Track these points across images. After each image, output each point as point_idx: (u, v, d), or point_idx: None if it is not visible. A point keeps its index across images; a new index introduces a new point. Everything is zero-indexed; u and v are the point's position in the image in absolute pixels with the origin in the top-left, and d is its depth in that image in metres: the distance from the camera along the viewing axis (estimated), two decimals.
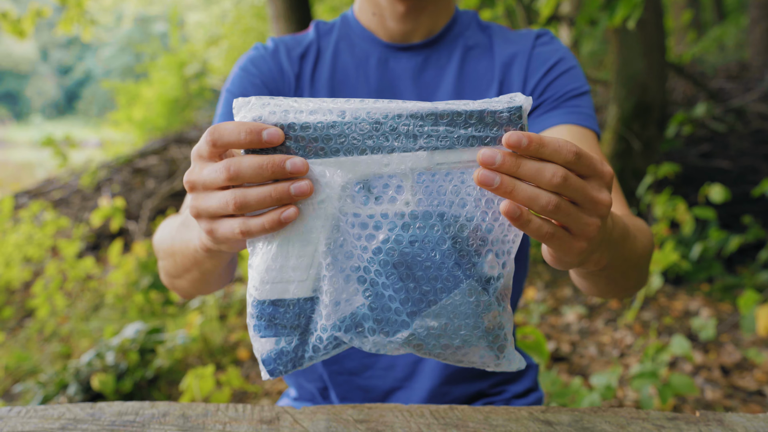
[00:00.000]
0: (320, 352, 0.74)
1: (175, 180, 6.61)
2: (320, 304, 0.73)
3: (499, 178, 0.67)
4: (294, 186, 0.68)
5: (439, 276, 0.70)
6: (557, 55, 1.25)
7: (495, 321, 0.73)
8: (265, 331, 0.74)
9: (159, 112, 11.12)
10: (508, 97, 0.69)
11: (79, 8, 6.47)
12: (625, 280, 1.01)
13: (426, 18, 1.24)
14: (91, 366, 2.83)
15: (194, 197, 0.74)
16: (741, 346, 3.12)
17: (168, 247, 1.04)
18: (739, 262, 4.29)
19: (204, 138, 0.70)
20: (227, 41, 12.93)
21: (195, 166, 0.73)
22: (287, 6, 4.99)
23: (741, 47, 8.99)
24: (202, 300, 3.82)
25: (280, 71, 1.25)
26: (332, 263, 0.71)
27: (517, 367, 0.77)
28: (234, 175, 0.68)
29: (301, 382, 1.35)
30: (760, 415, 0.89)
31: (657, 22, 4.29)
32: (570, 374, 2.95)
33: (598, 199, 0.70)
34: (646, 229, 1.07)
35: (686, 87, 6.02)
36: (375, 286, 0.71)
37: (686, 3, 10.30)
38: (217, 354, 3.37)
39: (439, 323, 0.71)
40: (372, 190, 0.70)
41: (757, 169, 4.78)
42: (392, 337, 0.72)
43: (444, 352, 0.74)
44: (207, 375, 2.36)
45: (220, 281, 1.10)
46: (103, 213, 4.30)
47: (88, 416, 0.90)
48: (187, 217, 0.95)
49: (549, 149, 0.67)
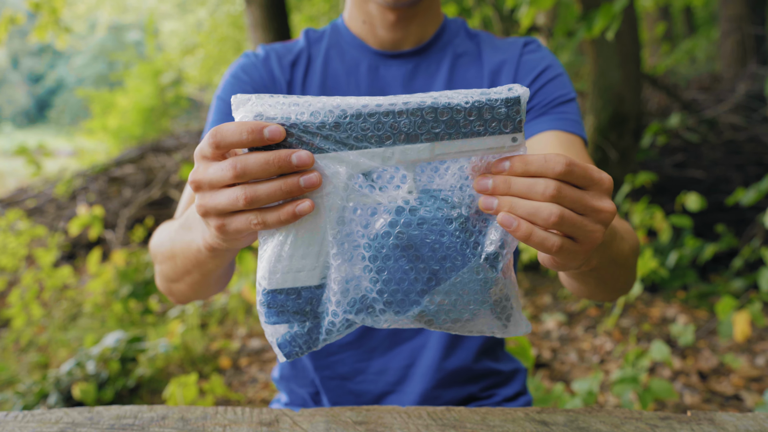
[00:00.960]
0: (333, 334, 0.76)
1: (153, 189, 6.56)
2: (329, 290, 0.74)
3: (497, 200, 0.70)
4: (303, 178, 0.69)
5: (447, 256, 0.72)
6: (545, 63, 1.27)
7: (501, 293, 0.75)
8: (276, 318, 0.75)
9: (134, 120, 11.03)
10: (506, 88, 0.70)
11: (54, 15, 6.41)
12: (614, 280, 1.03)
13: (416, 26, 1.26)
14: (71, 375, 2.81)
15: (201, 196, 0.74)
16: (717, 351, 3.17)
17: (167, 249, 1.04)
18: (712, 270, 4.35)
19: (206, 140, 0.71)
20: (203, 50, 12.88)
21: (199, 166, 0.74)
22: (265, 15, 4.99)
23: (712, 60, 9.14)
24: (181, 309, 3.79)
25: (272, 78, 1.26)
26: (339, 251, 0.73)
27: (524, 330, 0.79)
28: (241, 172, 0.69)
29: (292, 387, 1.35)
30: (749, 414, 0.91)
31: (632, 33, 4.35)
32: (552, 380, 2.98)
33: (599, 208, 0.71)
34: (631, 230, 1.09)
35: (660, 98, 6.10)
36: (383, 270, 0.73)
37: (658, 16, 10.45)
38: (199, 363, 3.36)
39: (450, 299, 0.74)
40: (376, 181, 0.72)
41: (729, 179, 4.85)
42: (404, 315, 0.74)
43: (454, 325, 0.77)
44: (190, 383, 2.35)
45: (219, 283, 1.10)
46: (82, 221, 4.26)
47: (87, 420, 0.90)
48: (187, 218, 0.95)
49: (534, 166, 0.69)
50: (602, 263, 0.90)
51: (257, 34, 4.99)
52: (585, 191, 0.71)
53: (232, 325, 4.00)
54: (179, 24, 14.69)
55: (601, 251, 0.86)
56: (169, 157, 7.11)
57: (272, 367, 3.38)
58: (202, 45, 12.91)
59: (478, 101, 0.69)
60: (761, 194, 3.32)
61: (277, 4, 5.00)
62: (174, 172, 6.68)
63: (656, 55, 9.64)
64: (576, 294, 1.08)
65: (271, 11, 4.97)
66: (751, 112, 5.38)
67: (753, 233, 4.12)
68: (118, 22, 23.77)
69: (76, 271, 5.47)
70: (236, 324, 4.01)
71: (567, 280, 1.03)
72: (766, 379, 2.87)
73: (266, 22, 4.98)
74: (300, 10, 10.27)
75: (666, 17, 10.71)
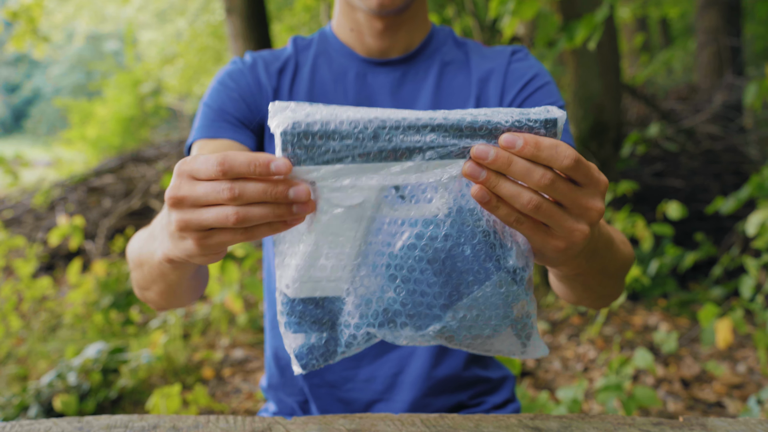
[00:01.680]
0: (353, 346, 0.76)
1: (133, 199, 6.52)
2: (352, 302, 0.74)
3: (485, 172, 0.69)
4: (293, 190, 0.69)
5: (471, 269, 0.72)
6: (533, 71, 1.28)
7: (523, 310, 0.76)
8: (296, 327, 0.75)
9: (113, 130, 10.94)
10: (544, 109, 0.71)
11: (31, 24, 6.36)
12: (601, 288, 1.03)
13: (403, 34, 1.26)
14: (52, 387, 2.77)
15: (182, 212, 0.72)
16: (699, 359, 3.19)
17: (136, 257, 1.04)
18: (691, 279, 4.39)
19: (212, 165, 0.69)
20: (183, 60, 12.82)
21: (182, 183, 0.72)
22: (246, 25, 4.99)
23: (688, 70, 9.24)
24: (163, 319, 3.76)
25: (258, 85, 1.26)
26: (365, 262, 0.73)
27: (541, 354, 0.79)
28: (237, 196, 0.68)
29: (281, 396, 1.35)
30: (740, 419, 0.91)
31: (612, 44, 4.39)
32: (536, 388, 2.98)
33: (589, 206, 0.72)
34: (627, 242, 1.09)
35: (639, 108, 6.16)
36: (407, 282, 0.73)
37: (636, 27, 10.56)
38: (182, 373, 3.33)
39: (471, 314, 0.74)
40: (407, 194, 0.71)
41: (707, 188, 4.90)
42: (424, 330, 0.74)
43: (474, 342, 0.76)
44: (173, 394, 2.33)
45: (189, 294, 1.10)
46: (62, 232, 4.22)
47: (76, 430, 0.88)
48: (153, 229, 0.94)
49: (545, 153, 0.68)
50: (592, 270, 0.90)
51: (238, 43, 4.99)
52: (580, 188, 0.71)
53: (215, 336, 3.97)
54: (158, 34, 14.61)
55: (591, 257, 0.86)
56: (149, 167, 7.06)
57: (256, 377, 3.36)
58: (181, 55, 12.86)
59: (518, 121, 0.69)
60: (740, 203, 3.36)
61: (258, 14, 5.00)
62: (154, 182, 6.64)
63: (635, 65, 9.74)
64: (563, 297, 1.09)
65: (252, 21, 4.97)
66: (728, 122, 5.45)
67: (731, 242, 4.16)
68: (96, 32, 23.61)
69: (56, 282, 5.41)
70: (219, 334, 3.98)
71: (555, 283, 1.03)
72: (748, 386, 2.89)
73: (247, 32, 4.98)
74: (281, 20, 10.28)
75: (643, 29, 10.83)
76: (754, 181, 3.23)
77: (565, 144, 0.69)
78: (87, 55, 28.10)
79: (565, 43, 3.23)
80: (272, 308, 1.34)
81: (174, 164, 6.62)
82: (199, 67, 12.74)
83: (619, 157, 4.64)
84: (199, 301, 4.44)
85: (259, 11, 5.01)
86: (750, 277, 2.57)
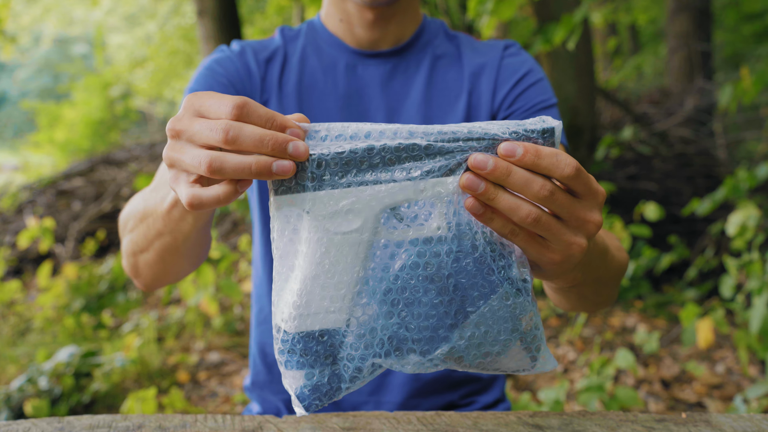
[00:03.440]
0: (358, 380, 0.72)
1: (103, 202, 6.42)
2: (354, 333, 0.70)
3: (484, 184, 0.66)
4: (292, 145, 0.65)
5: (475, 284, 0.69)
6: (526, 67, 1.26)
7: (532, 322, 0.73)
8: (297, 364, 0.71)
9: (83, 133, 10.82)
10: (539, 120, 0.69)
11: None
12: (596, 296, 1.02)
13: (394, 26, 1.24)
14: (22, 391, 2.70)
15: (173, 145, 0.70)
16: (678, 359, 3.20)
17: (140, 212, 0.99)
18: (664, 281, 4.42)
19: (226, 109, 0.66)
20: (153, 63, 12.72)
21: (185, 117, 0.69)
22: (217, 27, 4.96)
23: (659, 75, 9.35)
24: (136, 323, 3.70)
25: (248, 72, 1.23)
26: (365, 290, 0.69)
27: (551, 367, 0.77)
28: (231, 140, 0.65)
29: (266, 396, 1.31)
30: (744, 415, 0.90)
31: (586, 47, 4.41)
32: (517, 390, 2.98)
33: (587, 218, 0.70)
34: (621, 248, 1.07)
35: (613, 111, 6.20)
36: (411, 305, 0.69)
37: (607, 33, 10.68)
38: (156, 377, 3.27)
39: (479, 331, 0.71)
40: (404, 215, 0.68)
41: (680, 192, 4.94)
42: (432, 355, 0.71)
43: (484, 360, 0.73)
44: (149, 398, 2.28)
45: (191, 257, 1.05)
46: (31, 233, 4.13)
47: (57, 430, 0.85)
48: (159, 180, 0.89)
49: (546, 162, 0.66)
50: (588, 280, 0.89)
51: (209, 46, 4.95)
52: (578, 200, 0.69)
53: (190, 339, 3.91)
54: (127, 37, 14.48)
55: (587, 269, 0.85)
56: (120, 170, 6.96)
57: (233, 381, 3.31)
58: (151, 58, 12.76)
59: (515, 132, 0.67)
60: (716, 204, 3.38)
61: (230, 17, 4.99)
62: (125, 185, 6.55)
63: (608, 69, 9.84)
64: (556, 305, 1.07)
65: (224, 23, 4.95)
66: (700, 126, 5.51)
67: (704, 244, 4.20)
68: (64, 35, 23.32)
69: (24, 286, 5.30)
70: (194, 338, 3.92)
71: (550, 291, 1.01)
72: (727, 386, 2.91)
73: (219, 35, 4.96)
74: (252, 24, 10.23)
75: (614, 34, 10.96)
76: (729, 183, 3.26)
77: (564, 153, 0.67)
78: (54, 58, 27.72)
79: (541, 45, 3.24)
80: (259, 302, 1.30)
81: (145, 167, 6.54)
82: (170, 70, 12.66)
83: (594, 160, 4.67)
84: (172, 305, 4.37)
85: (231, 14, 4.99)
86: (730, 276, 2.58)
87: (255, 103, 0.66)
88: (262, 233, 1.27)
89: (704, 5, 6.98)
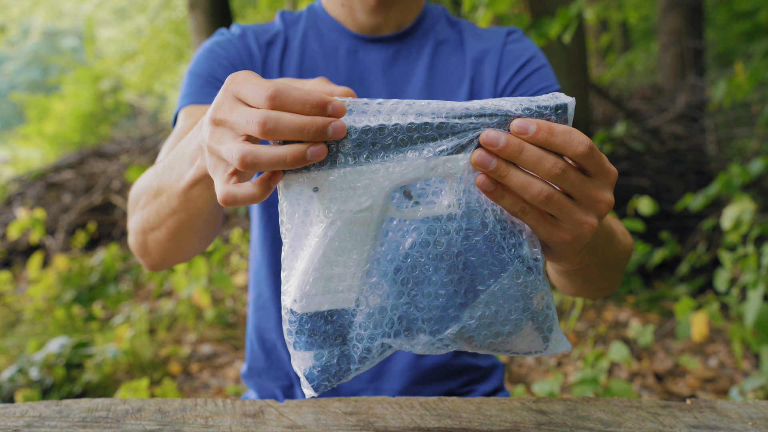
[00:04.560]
0: (367, 361, 0.71)
1: (94, 194, 6.38)
2: (364, 313, 0.69)
3: (496, 161, 0.65)
4: (333, 126, 0.64)
5: (486, 262, 0.68)
6: (529, 53, 1.26)
7: (543, 301, 0.71)
8: (306, 345, 0.70)
9: (72, 126, 10.75)
10: (551, 96, 0.68)
11: None
12: (601, 280, 1.01)
13: (396, 11, 1.23)
14: (13, 382, 2.68)
15: (212, 134, 0.70)
16: (671, 353, 3.21)
17: (153, 188, 0.96)
18: (656, 277, 4.43)
19: (261, 96, 0.65)
20: (144, 56, 12.66)
21: (226, 103, 0.68)
22: (209, 20, 4.95)
23: (651, 72, 9.38)
24: (127, 315, 3.68)
25: (249, 54, 1.22)
26: (374, 269, 0.68)
27: (564, 349, 0.75)
28: (269, 131, 0.64)
29: (263, 383, 1.30)
30: (750, 402, 0.90)
31: (579, 42, 4.42)
32: (511, 383, 2.97)
33: (599, 198, 0.69)
34: (627, 233, 1.07)
35: (605, 107, 6.22)
36: (421, 284, 0.68)
37: (598, 29, 10.70)
38: (148, 368, 3.25)
39: (490, 311, 0.69)
40: (415, 194, 0.67)
41: (671, 188, 4.96)
42: (442, 335, 0.70)
43: (495, 341, 0.72)
44: (141, 388, 2.27)
45: (202, 235, 1.03)
46: (22, 224, 4.09)
47: (55, 413, 0.84)
48: (182, 150, 0.88)
49: (559, 139, 0.65)
50: (594, 263, 0.88)
51: (201, 39, 4.94)
52: (590, 179, 0.68)
53: (181, 331, 3.89)
54: (117, 31, 14.41)
55: (594, 252, 0.84)
56: (110, 163, 6.92)
57: (225, 372, 3.30)
58: (142, 51, 12.70)
59: (527, 108, 0.66)
60: (709, 199, 3.40)
61: (222, 10, 4.97)
62: (116, 177, 6.51)
63: (600, 65, 9.86)
64: (560, 289, 1.06)
65: (215, 17, 4.94)
66: (692, 122, 5.52)
67: (696, 240, 4.21)
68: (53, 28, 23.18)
69: (14, 277, 5.27)
70: (186, 330, 3.90)
71: (554, 275, 1.00)
72: (720, 380, 2.92)
73: (210, 28, 4.95)
74: (244, 18, 10.21)
75: (605, 31, 10.98)
76: (722, 178, 3.27)
77: (577, 131, 0.66)
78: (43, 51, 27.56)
79: (535, 40, 3.23)
80: (258, 287, 1.29)
81: (136, 160, 6.50)
82: (160, 64, 12.61)
83: None
84: (164, 297, 4.35)
85: (222, 7, 4.98)
86: (725, 270, 2.59)
87: (288, 88, 0.65)
88: (261, 217, 1.26)
89: (696, 2, 7.01)
